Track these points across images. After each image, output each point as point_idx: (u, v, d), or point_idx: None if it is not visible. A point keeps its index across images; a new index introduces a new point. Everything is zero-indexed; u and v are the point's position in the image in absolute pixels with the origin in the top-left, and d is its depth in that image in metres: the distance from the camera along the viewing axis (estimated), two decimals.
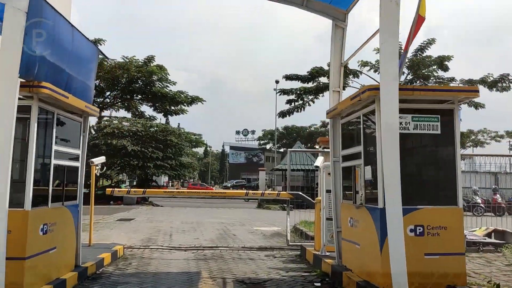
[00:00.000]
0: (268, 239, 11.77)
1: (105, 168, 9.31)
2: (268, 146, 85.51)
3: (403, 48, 8.60)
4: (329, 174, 7.91)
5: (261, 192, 8.97)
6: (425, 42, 31.05)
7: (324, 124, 74.86)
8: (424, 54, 31.55)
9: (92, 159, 8.81)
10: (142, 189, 9.11)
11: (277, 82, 52.58)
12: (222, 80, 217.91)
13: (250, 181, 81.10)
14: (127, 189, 9.05)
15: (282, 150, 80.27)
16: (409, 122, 5.49)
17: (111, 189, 8.78)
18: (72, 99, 5.80)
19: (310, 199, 9.13)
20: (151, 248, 9.71)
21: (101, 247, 8.53)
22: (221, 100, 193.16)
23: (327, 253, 7.88)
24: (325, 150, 10.22)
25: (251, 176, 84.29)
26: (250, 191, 8.79)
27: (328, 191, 7.83)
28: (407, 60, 31.44)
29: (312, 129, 74.40)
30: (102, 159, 8.99)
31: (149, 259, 8.52)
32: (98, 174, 9.05)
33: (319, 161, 9.21)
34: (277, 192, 8.75)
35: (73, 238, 6.45)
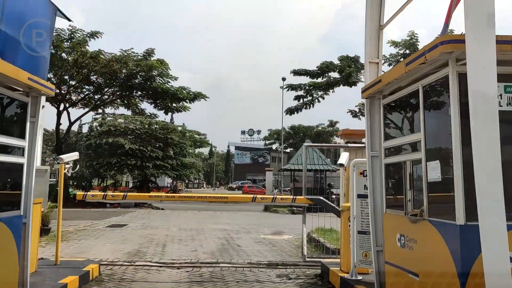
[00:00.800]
0: (278, 251, 9.93)
1: (78, 166, 7.51)
2: (274, 146, 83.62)
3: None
4: (361, 173, 6.09)
5: (272, 196, 7.16)
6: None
7: (332, 123, 72.83)
8: None
9: (61, 156, 7.05)
10: (123, 193, 7.29)
11: (283, 79, 50.89)
12: (227, 80, 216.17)
13: (256, 182, 79.31)
14: (103, 194, 7.22)
15: (288, 150, 78.42)
16: (500, 95, 3.65)
17: (82, 193, 7.01)
18: (3, 66, 4.02)
19: (334, 205, 7.30)
20: (137, 265, 7.90)
21: (70, 266, 6.74)
22: (226, 100, 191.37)
23: (359, 277, 6.05)
24: (350, 145, 8.39)
25: (256, 177, 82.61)
26: (258, 196, 7.00)
27: (362, 196, 6.00)
28: None
29: (320, 128, 72.37)
30: (73, 155, 7.22)
31: (131, 281, 6.72)
32: (69, 174, 7.27)
33: (344, 157, 7.39)
34: (292, 197, 6.92)
35: (14, 262, 4.67)
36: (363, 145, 8.62)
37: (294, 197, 7.06)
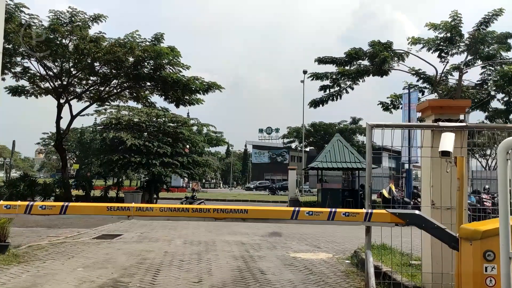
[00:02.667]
0: (319, 281, 6.82)
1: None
2: (293, 145, 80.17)
3: None
4: None
5: (328, 210, 4.02)
6: (490, 14, 25.30)
7: (354, 120, 69.01)
8: (488, 29, 25.84)
9: None
10: (61, 203, 4.27)
11: (304, 72, 47.66)
12: (244, 79, 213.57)
13: (274, 182, 76.21)
14: (28, 202, 4.19)
15: (308, 149, 75.00)
16: None
17: None
18: None
19: (447, 229, 4.10)
20: None
21: None
22: (243, 99, 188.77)
23: None
24: (442, 124, 5.24)
25: (275, 176, 79.53)
26: (303, 209, 3.90)
27: None
28: (466, 36, 25.97)
29: (342, 126, 68.62)
30: None
31: None
32: None
33: (449, 141, 4.25)
34: (365, 211, 3.79)
35: None
36: (463, 124, 5.44)
37: (369, 211, 3.94)
